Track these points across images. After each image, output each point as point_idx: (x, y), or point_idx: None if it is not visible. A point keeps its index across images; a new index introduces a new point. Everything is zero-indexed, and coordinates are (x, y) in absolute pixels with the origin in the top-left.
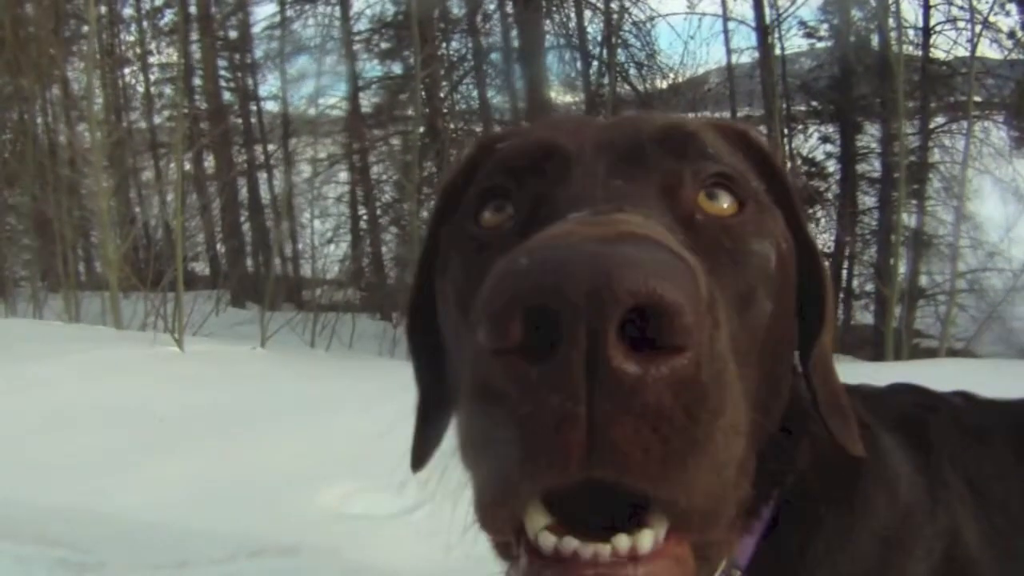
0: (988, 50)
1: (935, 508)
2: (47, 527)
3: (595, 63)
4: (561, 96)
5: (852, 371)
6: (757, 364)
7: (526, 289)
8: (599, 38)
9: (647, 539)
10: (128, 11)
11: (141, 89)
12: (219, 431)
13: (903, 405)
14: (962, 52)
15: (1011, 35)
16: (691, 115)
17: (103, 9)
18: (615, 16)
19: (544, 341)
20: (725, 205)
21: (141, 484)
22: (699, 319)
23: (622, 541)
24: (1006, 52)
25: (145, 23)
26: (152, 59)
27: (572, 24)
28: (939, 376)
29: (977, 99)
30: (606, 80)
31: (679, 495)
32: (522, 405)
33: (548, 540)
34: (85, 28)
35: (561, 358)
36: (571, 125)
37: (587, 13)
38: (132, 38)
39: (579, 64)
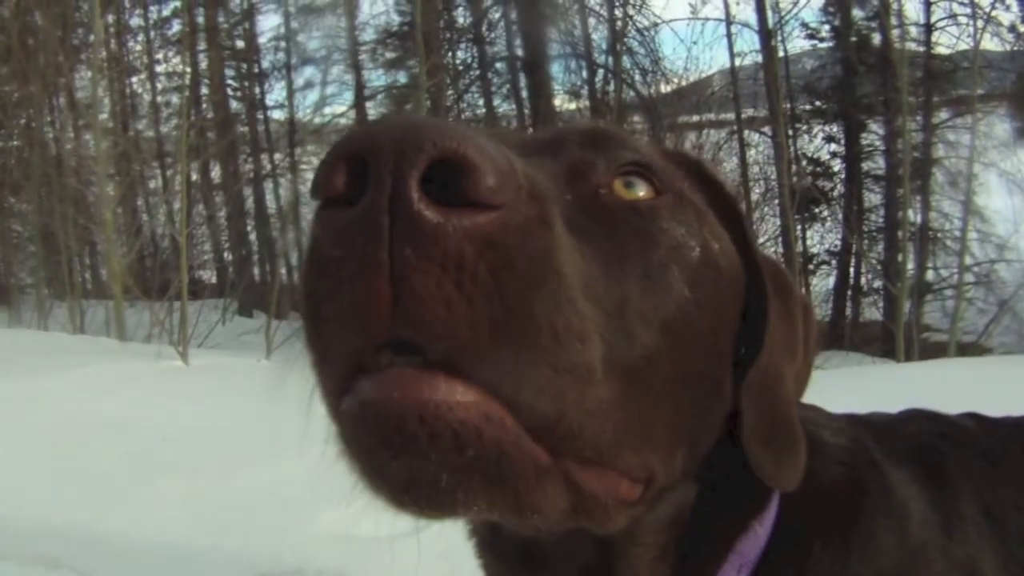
0: (988, 43)
1: (950, 542)
2: (49, 547)
3: (600, 70)
4: (567, 103)
5: (864, 372)
6: (671, 348)
7: (346, 143)
8: (604, 45)
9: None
10: (136, 20)
11: (148, 98)
12: (223, 449)
13: (915, 435)
14: (963, 47)
15: (1012, 29)
16: (695, 118)
17: (111, 18)
18: (619, 23)
19: (362, 190)
20: (641, 193)
21: (144, 503)
22: (505, 185)
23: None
24: (1007, 45)
25: (153, 32)
26: (159, 68)
27: (577, 32)
28: (950, 378)
29: (980, 92)
30: (611, 87)
31: (502, 380)
32: (335, 249)
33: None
34: (92, 37)
35: (366, 201)
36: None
37: (591, 21)
38: (139, 47)
39: (584, 71)
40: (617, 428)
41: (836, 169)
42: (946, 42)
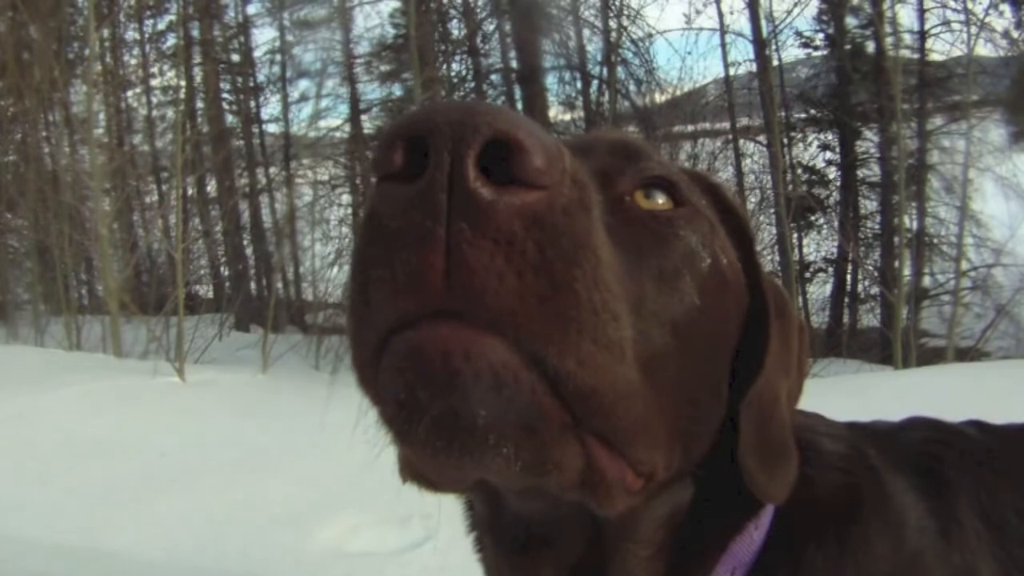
0: (982, 49)
1: (948, 549)
2: (47, 565)
3: (595, 81)
4: (561, 114)
5: (861, 380)
6: (679, 349)
7: (407, 123)
8: (598, 56)
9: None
10: (131, 34)
11: (144, 112)
12: (220, 465)
13: (915, 443)
14: (957, 53)
15: (1005, 35)
16: (690, 128)
17: (106, 32)
18: (613, 34)
19: (420, 167)
20: (660, 201)
21: (142, 521)
22: (552, 167)
23: None
24: (1001, 51)
25: (148, 46)
26: (154, 82)
27: (571, 43)
28: (948, 384)
29: (974, 97)
30: (606, 97)
31: (548, 348)
32: (393, 220)
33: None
34: (88, 51)
35: (426, 179)
36: None
37: (586, 32)
38: (135, 61)
39: (579, 83)
40: (636, 416)
41: (831, 177)
42: (940, 49)
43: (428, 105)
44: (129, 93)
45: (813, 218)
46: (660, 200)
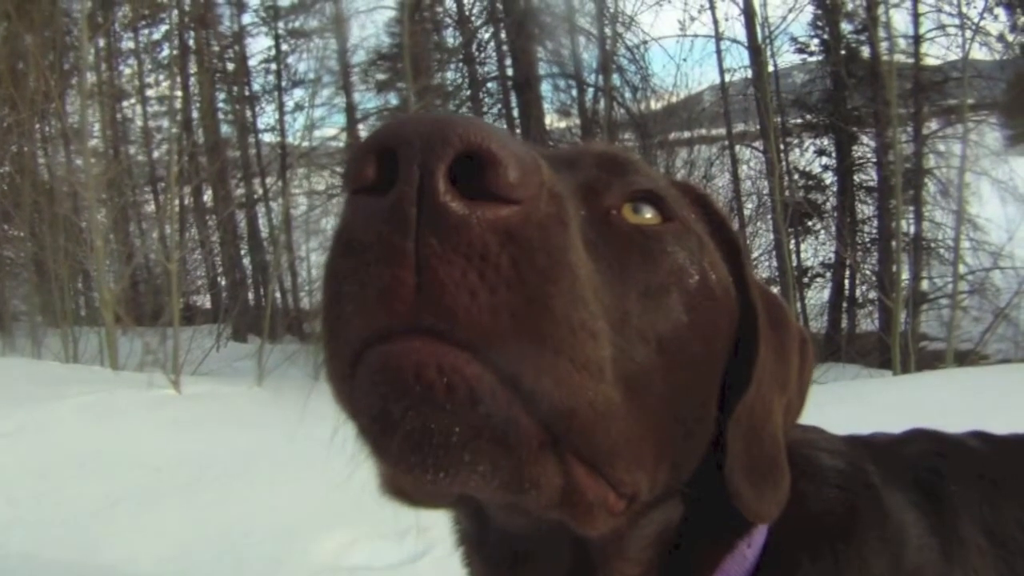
0: (977, 53)
1: (949, 567)
2: None
3: (590, 88)
4: (557, 122)
5: (860, 384)
6: (665, 367)
7: (378, 135)
8: (594, 64)
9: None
10: (126, 44)
11: (139, 122)
12: (215, 479)
13: (915, 457)
14: (952, 57)
15: (1000, 38)
16: (686, 134)
17: (101, 42)
18: (609, 41)
19: (390, 181)
20: (648, 216)
21: (136, 535)
22: (527, 181)
23: None
24: (996, 55)
25: (143, 56)
26: (150, 92)
27: (567, 51)
28: (945, 390)
29: (970, 101)
30: (601, 105)
31: (523, 368)
32: (364, 234)
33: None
34: (82, 61)
35: (395, 192)
36: None
37: (581, 39)
38: (130, 71)
39: (574, 90)
40: (617, 436)
41: (828, 182)
42: (935, 53)
43: (402, 117)
44: (124, 103)
45: (810, 223)
46: (648, 214)
